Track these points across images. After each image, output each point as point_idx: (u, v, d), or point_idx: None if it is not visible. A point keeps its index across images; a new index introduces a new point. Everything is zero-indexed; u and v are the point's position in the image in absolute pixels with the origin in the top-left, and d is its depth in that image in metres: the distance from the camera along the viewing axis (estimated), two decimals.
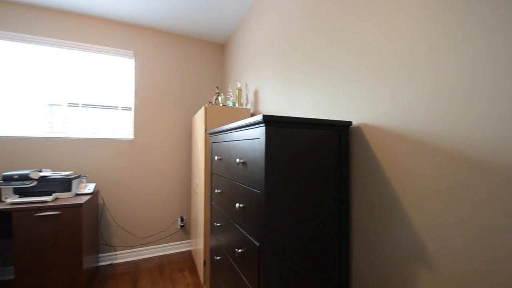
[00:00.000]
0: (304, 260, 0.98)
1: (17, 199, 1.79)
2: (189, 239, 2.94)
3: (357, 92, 1.09)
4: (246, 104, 2.35)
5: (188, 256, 2.73)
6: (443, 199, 0.76)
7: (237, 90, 2.21)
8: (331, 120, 1.02)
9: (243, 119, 2.06)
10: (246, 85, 2.35)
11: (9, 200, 1.77)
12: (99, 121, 2.54)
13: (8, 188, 1.82)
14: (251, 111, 2.21)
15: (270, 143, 0.90)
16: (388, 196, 0.94)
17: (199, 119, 2.25)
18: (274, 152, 0.91)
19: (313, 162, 0.99)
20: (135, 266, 2.51)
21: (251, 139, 1.02)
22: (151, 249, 2.75)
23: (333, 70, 1.23)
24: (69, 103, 2.42)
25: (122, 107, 2.64)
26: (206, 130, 1.95)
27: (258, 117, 0.89)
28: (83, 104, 2.47)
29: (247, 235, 1.06)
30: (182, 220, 2.87)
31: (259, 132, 0.93)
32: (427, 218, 0.80)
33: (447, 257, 0.75)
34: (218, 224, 1.54)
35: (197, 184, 2.35)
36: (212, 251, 1.74)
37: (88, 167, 2.49)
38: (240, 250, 1.12)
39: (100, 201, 2.53)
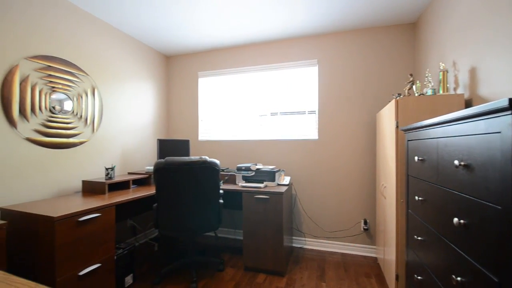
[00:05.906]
0: None
1: (244, 184, 2.53)
2: (374, 245, 2.73)
3: None
4: (455, 89, 1.80)
5: (373, 263, 2.54)
6: None
7: (440, 73, 1.74)
8: None
9: (451, 108, 1.60)
10: (454, 64, 1.79)
11: (240, 184, 2.55)
12: (291, 125, 3.03)
13: (239, 176, 2.63)
14: (465, 96, 1.65)
15: None
16: None
17: (387, 114, 2.02)
18: None
19: None
20: (320, 256, 2.72)
21: (482, 134, 0.75)
22: (334, 244, 2.85)
23: None
24: (271, 113, 3.09)
25: (308, 111, 2.96)
26: (397, 126, 1.71)
27: (500, 102, 0.63)
28: (280, 113, 3.06)
29: (473, 262, 0.80)
30: (365, 223, 2.73)
31: (500, 123, 0.66)
32: None
33: None
34: (419, 238, 1.29)
35: (384, 187, 2.13)
36: (408, 267, 1.49)
37: (284, 163, 3.04)
38: (459, 279, 0.87)
39: (293, 192, 2.99)
